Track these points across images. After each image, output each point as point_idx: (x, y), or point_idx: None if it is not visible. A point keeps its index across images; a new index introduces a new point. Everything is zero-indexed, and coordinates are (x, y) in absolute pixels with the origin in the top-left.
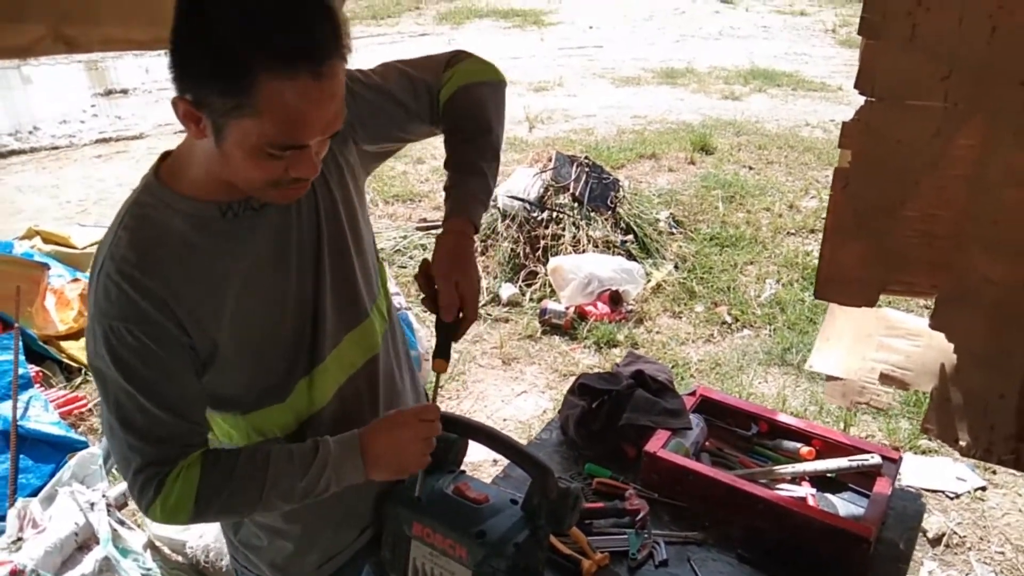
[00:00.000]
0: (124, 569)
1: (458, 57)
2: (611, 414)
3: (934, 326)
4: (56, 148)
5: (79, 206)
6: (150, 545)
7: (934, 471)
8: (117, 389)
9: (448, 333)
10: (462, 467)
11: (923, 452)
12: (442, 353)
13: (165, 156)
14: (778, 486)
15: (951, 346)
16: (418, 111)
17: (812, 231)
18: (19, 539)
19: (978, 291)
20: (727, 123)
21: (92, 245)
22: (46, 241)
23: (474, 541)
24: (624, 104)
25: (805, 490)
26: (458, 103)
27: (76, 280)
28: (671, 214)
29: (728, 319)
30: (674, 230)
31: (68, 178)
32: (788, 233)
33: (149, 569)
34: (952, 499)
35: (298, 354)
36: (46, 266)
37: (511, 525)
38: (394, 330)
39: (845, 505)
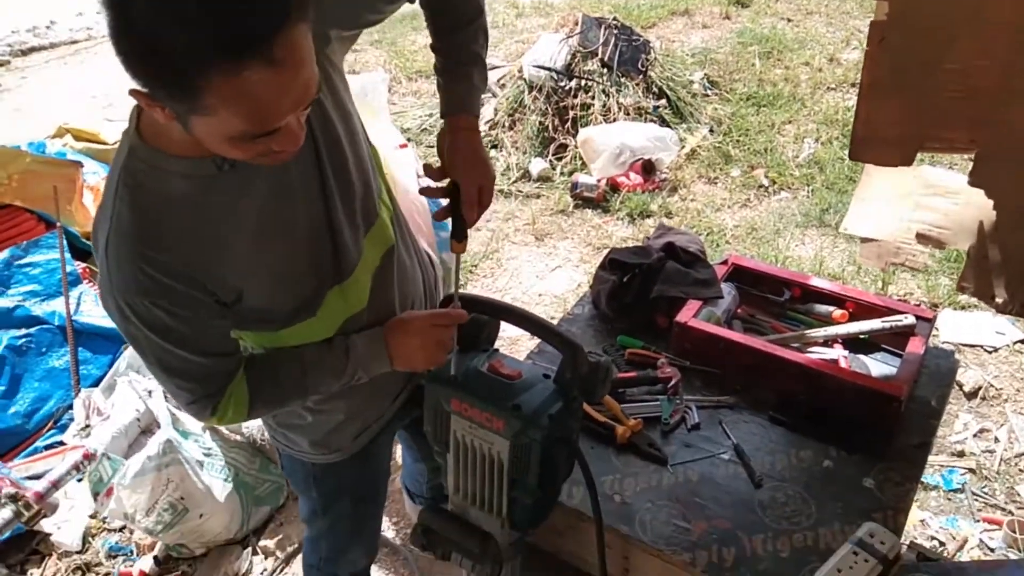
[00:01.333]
0: (186, 449)
1: None
2: (642, 287)
3: (973, 183)
4: (75, 42)
5: (104, 100)
6: (208, 428)
7: (973, 326)
8: (152, 348)
9: (460, 218)
10: (495, 346)
11: (962, 308)
12: (459, 236)
13: (140, 111)
14: (810, 349)
15: (990, 203)
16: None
17: (853, 85)
18: (87, 426)
19: (1020, 146)
20: None
21: None
22: (77, 138)
23: (510, 414)
24: None
25: (837, 352)
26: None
27: None
28: (705, 75)
29: (765, 182)
30: (709, 92)
31: (90, 72)
32: (828, 88)
33: (209, 448)
34: (990, 353)
35: (322, 272)
36: (80, 164)
37: (545, 398)
38: (397, 213)
39: (878, 366)
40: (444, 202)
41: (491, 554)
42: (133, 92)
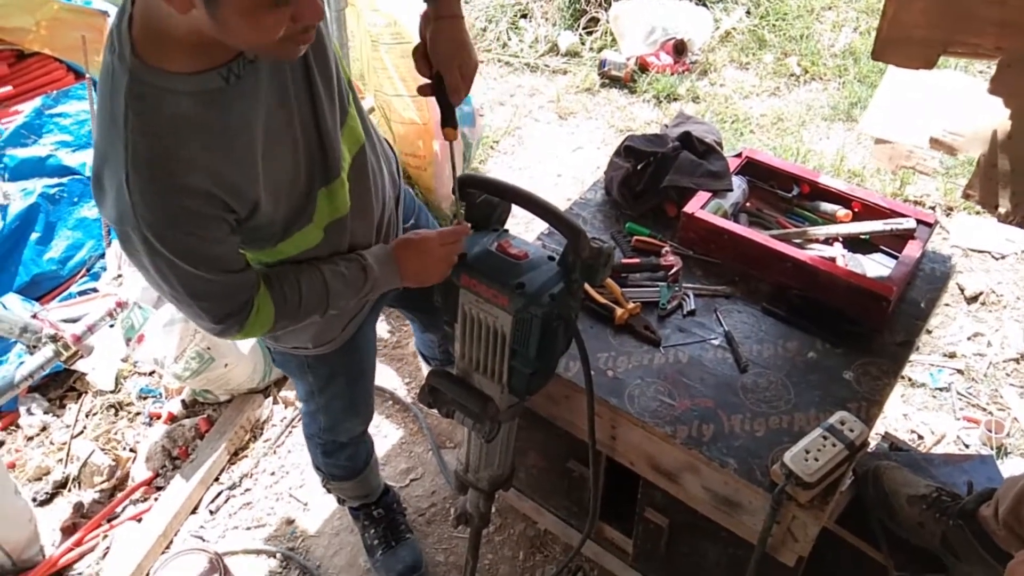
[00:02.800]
0: None
1: None
2: (655, 176)
3: (992, 90)
4: None
5: None
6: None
7: (984, 232)
8: (179, 276)
9: (451, 104)
10: (506, 226)
11: (976, 213)
12: (449, 122)
13: (128, 25)
14: (810, 246)
15: (1006, 112)
16: None
17: None
18: (119, 276)
19: None
20: None
21: None
22: None
23: (514, 291)
24: None
25: (836, 251)
26: None
27: None
28: None
29: (797, 71)
30: None
31: None
32: None
33: None
34: (997, 260)
35: (314, 174)
36: (106, 13)
37: (547, 278)
38: (360, 107)
39: (874, 266)
40: None
41: (490, 415)
42: None
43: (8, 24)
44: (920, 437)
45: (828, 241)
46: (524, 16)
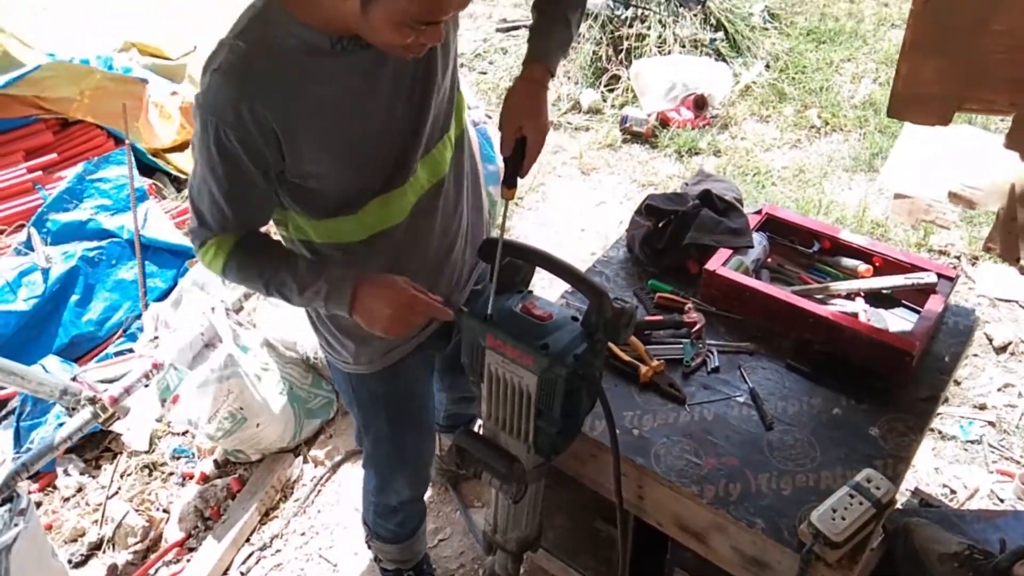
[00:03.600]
0: (245, 363)
1: None
2: (676, 233)
3: (1008, 145)
4: None
5: (166, 14)
6: (266, 343)
7: (1011, 281)
8: (203, 166)
9: (514, 166)
10: (530, 287)
11: (1002, 262)
12: (508, 183)
13: None
14: (832, 302)
15: (1022, 166)
16: None
17: None
18: (156, 338)
19: None
20: None
21: (185, 55)
22: (142, 53)
23: (539, 352)
24: None
25: (858, 306)
26: None
27: (175, 94)
28: (766, 7)
29: (817, 122)
30: (768, 25)
31: None
32: (892, 25)
33: (266, 363)
34: None
35: (375, 174)
36: (145, 81)
37: (572, 339)
38: (461, 157)
39: (896, 320)
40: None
41: (517, 475)
42: None
43: (54, 95)
44: (953, 492)
45: (850, 296)
46: None
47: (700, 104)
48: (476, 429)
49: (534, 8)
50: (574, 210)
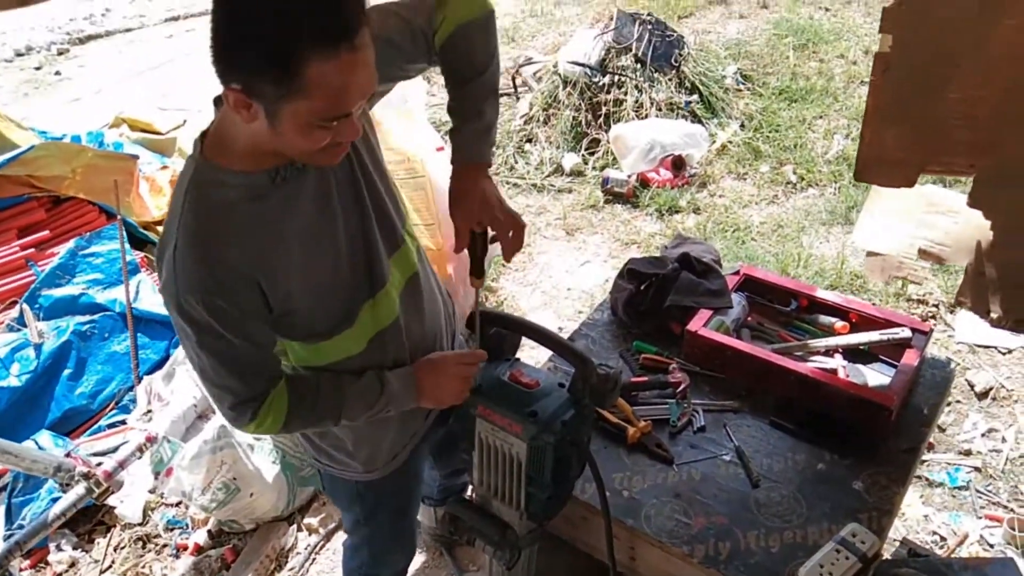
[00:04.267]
0: (238, 434)
1: None
2: (657, 296)
3: (972, 204)
4: (129, 30)
5: (157, 88)
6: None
7: (989, 328)
8: (208, 342)
9: (476, 257)
10: (517, 355)
11: None
12: (477, 273)
13: (203, 135)
14: (812, 358)
15: (987, 223)
16: (414, 55)
17: None
18: (149, 411)
19: (1015, 170)
20: None
21: (174, 129)
22: (132, 128)
23: (527, 419)
24: None
25: (837, 362)
26: (452, 48)
27: (165, 167)
28: (739, 69)
29: (793, 178)
30: (741, 86)
31: (144, 60)
32: (862, 82)
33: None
34: (1004, 354)
35: (358, 284)
36: (136, 157)
37: (558, 406)
38: (420, 248)
39: (874, 375)
40: None
41: (510, 542)
42: (227, 92)
43: (47, 173)
44: (943, 538)
45: (829, 352)
46: (529, 140)
47: (678, 164)
48: (468, 496)
49: (449, 111)
50: (560, 270)
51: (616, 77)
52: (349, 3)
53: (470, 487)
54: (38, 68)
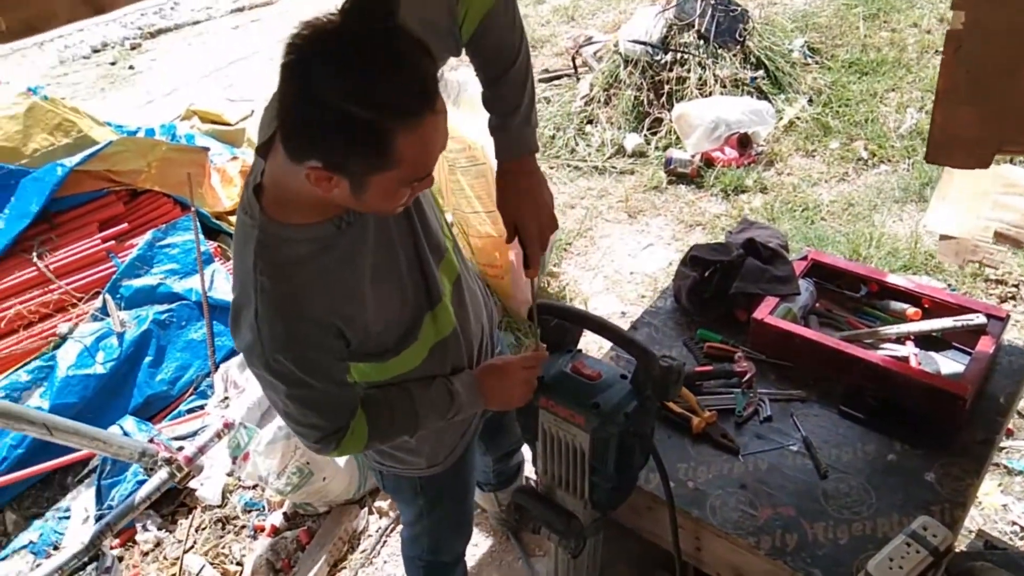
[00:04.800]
0: None
1: None
2: (722, 283)
3: None
4: (196, 23)
5: (225, 79)
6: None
7: None
8: (297, 390)
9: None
10: (579, 347)
11: None
12: (528, 265)
13: (257, 191)
14: (882, 346)
15: None
16: (441, 51)
17: None
18: (226, 398)
19: None
20: None
21: (243, 120)
22: (203, 120)
23: (590, 411)
24: None
25: (908, 349)
26: (481, 42)
27: (235, 158)
28: (806, 42)
29: (864, 155)
30: (809, 60)
31: (213, 51)
32: (936, 52)
33: None
34: None
35: (419, 302)
36: (207, 149)
37: (621, 397)
38: (457, 245)
39: (948, 363)
40: None
41: (575, 531)
42: (307, 169)
43: (124, 168)
44: (1023, 529)
45: (900, 340)
46: (590, 122)
47: (744, 142)
48: (533, 485)
49: (487, 107)
50: (622, 253)
51: (678, 55)
52: (428, 69)
53: (526, 472)
54: (113, 63)
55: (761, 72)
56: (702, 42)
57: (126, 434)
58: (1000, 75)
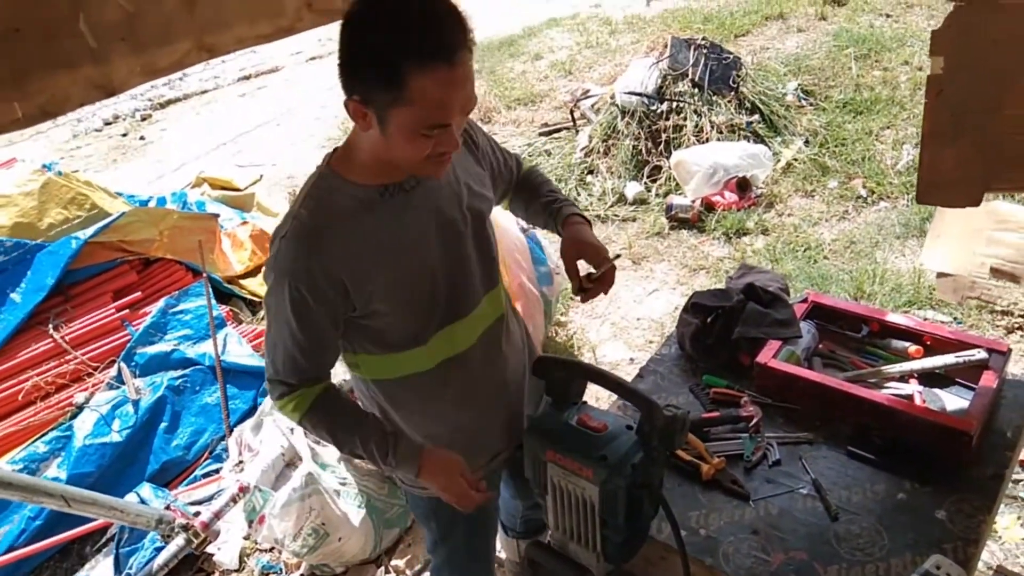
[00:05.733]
0: (325, 480)
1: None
2: (724, 328)
3: None
4: (204, 92)
5: (234, 146)
6: (343, 458)
7: None
8: (278, 323)
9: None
10: (584, 398)
11: None
12: (576, 290)
13: (333, 151)
14: (886, 385)
15: None
16: (504, 183)
17: None
18: (240, 462)
19: None
20: None
21: (252, 184)
22: (213, 186)
23: (598, 464)
24: None
25: (912, 387)
26: (532, 177)
27: (244, 223)
28: (799, 85)
29: (863, 192)
30: (803, 102)
31: (220, 120)
32: None
33: (344, 478)
34: None
35: (437, 308)
36: (217, 215)
37: (628, 448)
38: (508, 296)
39: (952, 399)
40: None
41: None
42: (347, 102)
43: (136, 237)
44: None
45: (903, 378)
46: (591, 172)
47: (743, 186)
48: (546, 540)
49: (542, 200)
50: (628, 300)
51: (674, 103)
52: (449, 28)
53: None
54: (124, 135)
55: (756, 116)
56: (697, 90)
57: (143, 501)
58: (982, 116)
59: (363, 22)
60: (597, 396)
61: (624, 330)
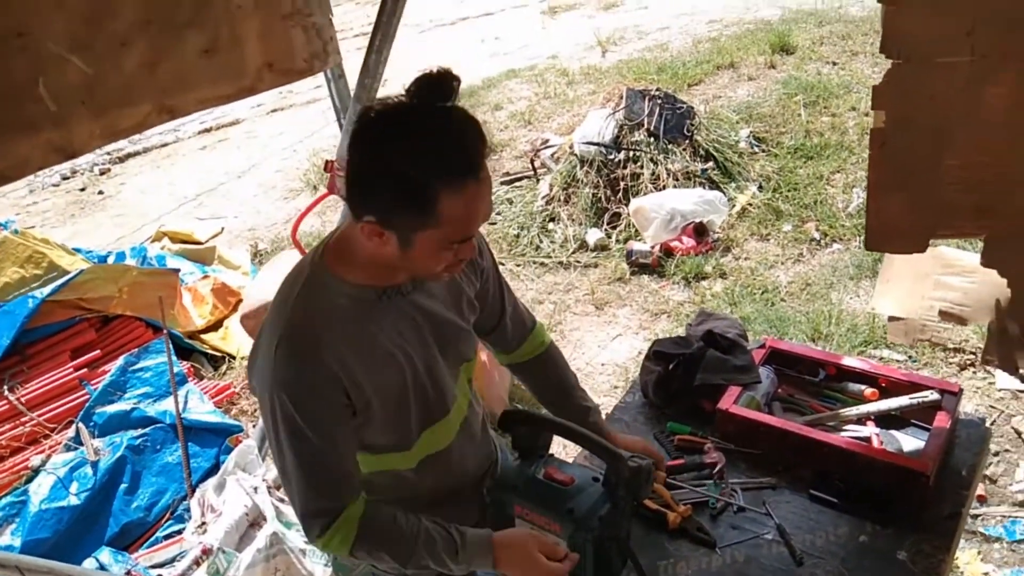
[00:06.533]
0: (290, 539)
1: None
2: (685, 375)
3: (985, 263)
4: (165, 145)
5: (195, 200)
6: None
7: None
8: (293, 440)
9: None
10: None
11: None
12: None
13: (326, 243)
14: (845, 427)
15: (1004, 281)
16: (497, 332)
17: None
18: (203, 523)
19: None
20: (808, 14)
21: (213, 237)
22: (173, 240)
23: (565, 517)
24: (698, 9)
25: (870, 430)
26: (551, 358)
27: (206, 277)
28: (751, 132)
29: (816, 235)
30: (756, 148)
31: (180, 173)
32: None
33: None
34: None
35: (422, 411)
36: (177, 271)
37: (594, 501)
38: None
39: (910, 440)
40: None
41: None
42: (362, 225)
43: (95, 295)
44: None
45: (861, 421)
46: (552, 220)
47: (700, 231)
48: None
49: (583, 410)
50: (592, 345)
51: (631, 152)
52: (475, 141)
53: None
54: (82, 189)
55: (711, 163)
56: (652, 139)
57: (102, 567)
58: (924, 167)
59: (383, 141)
60: (564, 444)
61: (589, 376)
